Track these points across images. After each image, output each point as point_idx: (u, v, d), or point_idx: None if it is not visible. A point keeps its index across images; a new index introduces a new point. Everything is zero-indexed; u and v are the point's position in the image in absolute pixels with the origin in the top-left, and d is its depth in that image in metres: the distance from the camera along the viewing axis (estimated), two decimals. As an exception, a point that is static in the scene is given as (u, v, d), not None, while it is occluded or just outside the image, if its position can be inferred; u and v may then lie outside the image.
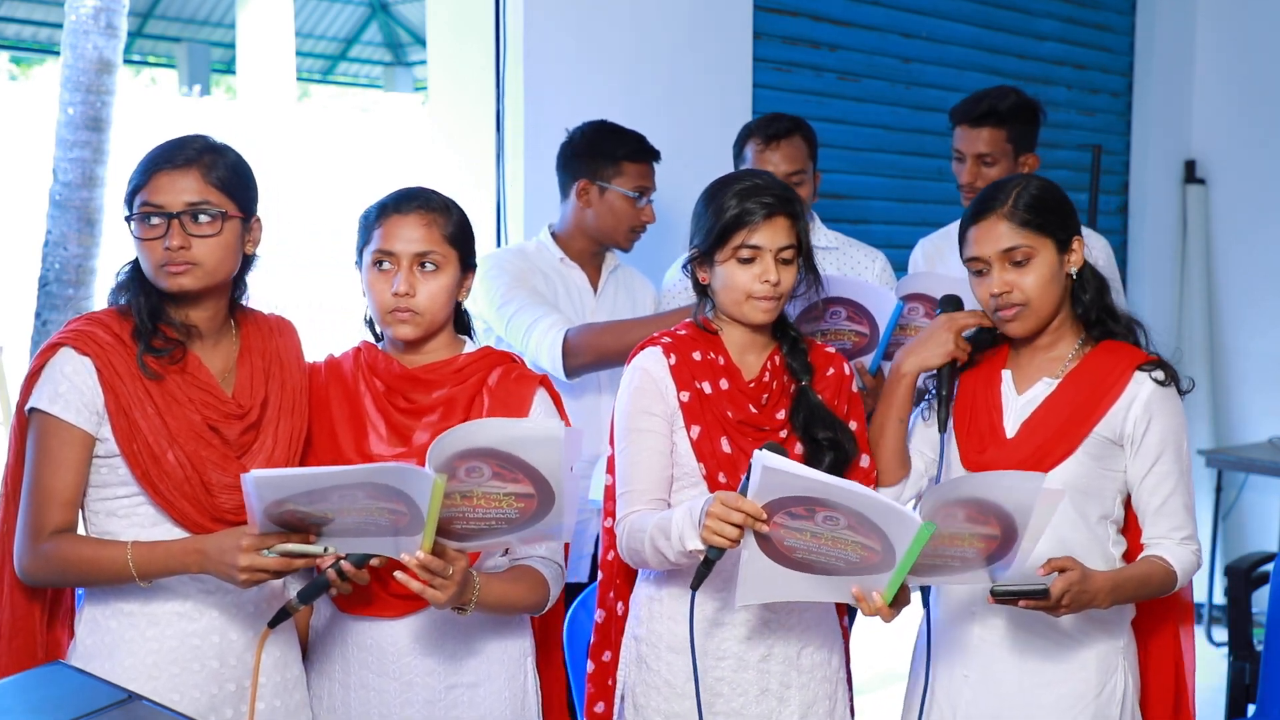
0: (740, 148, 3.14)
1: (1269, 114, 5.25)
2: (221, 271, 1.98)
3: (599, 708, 2.29)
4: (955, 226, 3.44)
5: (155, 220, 1.92)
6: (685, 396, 2.14)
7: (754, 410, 2.16)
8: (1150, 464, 2.13)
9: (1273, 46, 5.23)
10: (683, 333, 2.21)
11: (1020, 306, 2.13)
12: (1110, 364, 2.16)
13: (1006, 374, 2.22)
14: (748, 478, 1.89)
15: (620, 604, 2.28)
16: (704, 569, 1.96)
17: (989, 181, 3.21)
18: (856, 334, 2.76)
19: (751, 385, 2.17)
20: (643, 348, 2.21)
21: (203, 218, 1.93)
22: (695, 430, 2.14)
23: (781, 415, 2.16)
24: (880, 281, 3.17)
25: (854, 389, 2.26)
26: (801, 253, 2.15)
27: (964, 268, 3.34)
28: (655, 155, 3.04)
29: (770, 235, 2.10)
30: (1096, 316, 2.19)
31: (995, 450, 2.16)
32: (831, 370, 2.23)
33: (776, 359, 2.20)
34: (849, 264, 3.20)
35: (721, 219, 2.11)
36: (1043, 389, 2.18)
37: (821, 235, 3.21)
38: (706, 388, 2.15)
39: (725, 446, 2.13)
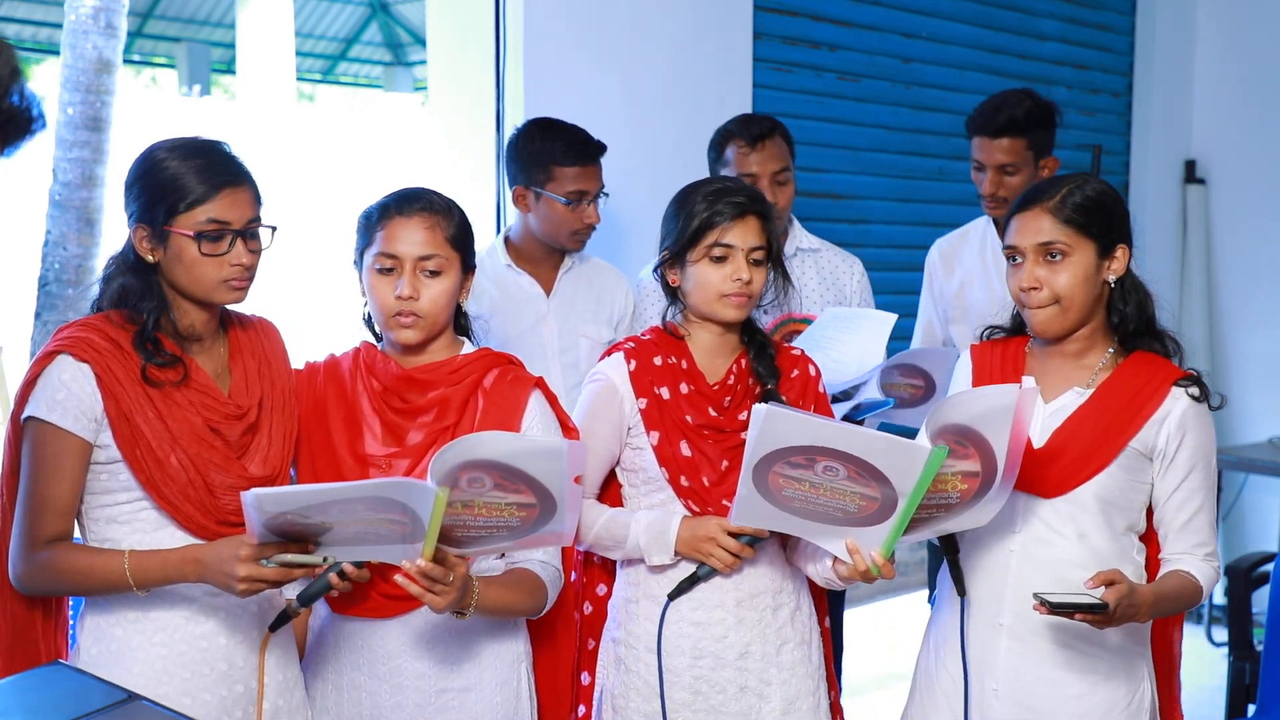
0: (719, 150, 3.11)
1: (1269, 114, 5.24)
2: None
3: (581, 710, 2.30)
4: (971, 227, 3.47)
5: (223, 237, 1.94)
6: (643, 403, 2.18)
7: (714, 414, 2.18)
8: (1180, 480, 2.10)
9: (1273, 46, 5.23)
10: (648, 338, 2.24)
11: (1050, 306, 2.08)
12: (1145, 376, 2.10)
13: (1029, 380, 2.13)
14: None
15: (587, 604, 2.32)
16: (688, 584, 2.14)
17: (1012, 191, 3.20)
18: (912, 386, 2.88)
19: (715, 388, 2.19)
20: (609, 353, 2.25)
21: (257, 232, 1.98)
22: (655, 436, 2.17)
23: (744, 417, 2.16)
24: (859, 287, 3.21)
25: (820, 390, 2.28)
26: (771, 255, 2.17)
27: (976, 268, 3.37)
28: (591, 155, 2.95)
29: (742, 234, 2.14)
30: (1135, 329, 2.13)
31: (1025, 459, 2.03)
32: (796, 372, 2.26)
33: (743, 362, 2.23)
34: (829, 268, 3.21)
35: (694, 219, 2.15)
36: (1073, 399, 2.12)
37: (804, 238, 3.22)
38: (665, 393, 2.17)
39: (685, 450, 2.17)
